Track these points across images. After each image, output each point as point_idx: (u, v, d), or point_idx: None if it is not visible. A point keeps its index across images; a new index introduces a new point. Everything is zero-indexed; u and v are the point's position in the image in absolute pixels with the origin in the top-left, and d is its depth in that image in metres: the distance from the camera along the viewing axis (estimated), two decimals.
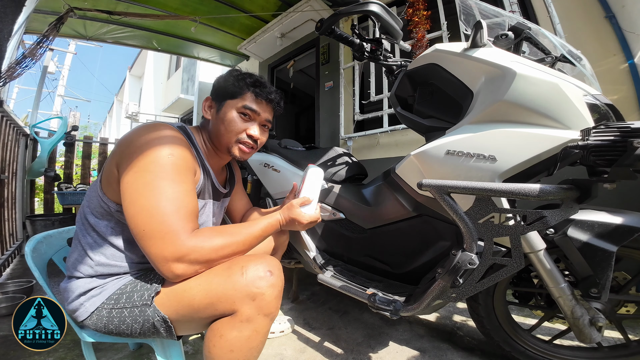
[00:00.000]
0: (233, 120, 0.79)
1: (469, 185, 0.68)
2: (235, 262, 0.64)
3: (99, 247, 0.68)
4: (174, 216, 0.59)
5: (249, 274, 0.61)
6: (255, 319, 0.60)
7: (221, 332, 0.59)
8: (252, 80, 0.81)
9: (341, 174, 1.28)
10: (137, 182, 0.60)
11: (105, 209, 0.68)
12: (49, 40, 2.65)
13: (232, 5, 3.00)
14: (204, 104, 0.84)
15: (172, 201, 0.60)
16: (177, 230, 0.58)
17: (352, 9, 0.91)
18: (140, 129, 0.68)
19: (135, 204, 0.59)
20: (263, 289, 0.60)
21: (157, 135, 0.65)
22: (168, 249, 0.58)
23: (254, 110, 0.80)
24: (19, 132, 2.65)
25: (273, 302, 0.61)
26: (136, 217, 0.59)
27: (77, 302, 0.66)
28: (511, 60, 0.74)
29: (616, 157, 0.54)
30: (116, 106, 16.83)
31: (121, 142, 0.67)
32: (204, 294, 0.60)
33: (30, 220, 2.68)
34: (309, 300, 1.57)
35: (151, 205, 0.59)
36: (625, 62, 1.58)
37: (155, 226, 0.58)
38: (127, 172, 0.61)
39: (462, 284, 0.74)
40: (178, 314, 0.63)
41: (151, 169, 0.61)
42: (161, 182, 0.60)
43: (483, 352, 1.06)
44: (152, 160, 0.61)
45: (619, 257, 0.75)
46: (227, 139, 0.80)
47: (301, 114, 5.62)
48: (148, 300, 0.63)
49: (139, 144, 0.63)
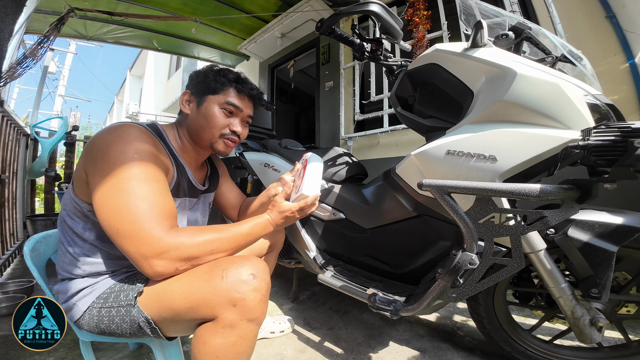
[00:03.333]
0: (216, 116, 0.78)
1: (470, 185, 0.68)
2: (218, 264, 0.61)
3: (80, 248, 0.68)
4: (147, 214, 0.57)
5: (229, 277, 0.57)
6: (239, 325, 0.57)
7: (204, 339, 0.57)
8: (234, 77, 0.81)
9: (341, 174, 1.28)
10: (105, 184, 0.58)
11: (79, 210, 0.67)
12: (49, 40, 2.65)
13: (232, 5, 3.01)
14: (182, 98, 0.82)
15: (143, 200, 0.58)
16: (151, 228, 0.57)
17: (352, 9, 0.91)
18: (106, 130, 0.66)
19: (105, 206, 0.58)
20: (245, 294, 0.57)
21: (122, 136, 0.63)
22: (145, 246, 0.56)
23: (236, 106, 0.80)
24: (20, 132, 2.66)
25: (257, 307, 0.58)
26: (108, 218, 0.57)
27: (70, 302, 0.67)
28: (511, 60, 0.74)
29: (617, 157, 0.54)
30: (117, 106, 16.86)
31: (87, 144, 0.65)
32: (184, 297, 0.58)
33: (31, 220, 2.68)
34: (309, 300, 1.57)
35: (121, 206, 0.57)
36: (626, 62, 1.58)
37: (127, 225, 0.56)
38: (94, 175, 0.60)
39: (462, 284, 0.74)
40: (160, 317, 0.61)
41: (118, 170, 0.59)
42: (129, 182, 0.58)
43: (483, 352, 1.06)
44: (117, 161, 0.60)
45: (620, 257, 0.75)
46: (210, 134, 0.79)
47: (301, 114, 5.62)
48: (132, 301, 0.62)
49: (104, 145, 0.62)
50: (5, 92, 2.43)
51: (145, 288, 0.63)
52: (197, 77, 0.81)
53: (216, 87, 0.79)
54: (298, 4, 2.91)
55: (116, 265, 0.70)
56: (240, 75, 0.83)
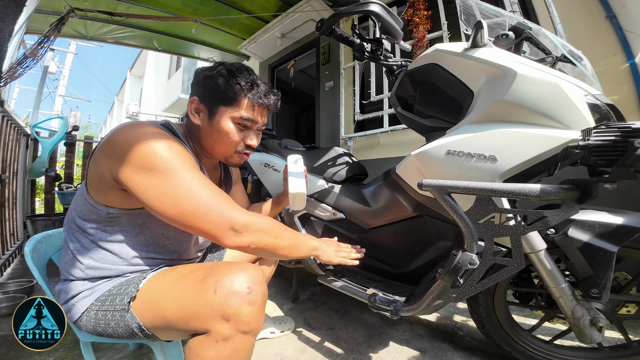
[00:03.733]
0: (231, 132, 0.72)
1: (470, 186, 0.68)
2: (212, 273, 0.58)
3: (87, 251, 0.67)
4: (213, 198, 0.60)
5: (222, 290, 0.55)
6: (233, 338, 0.54)
7: (197, 351, 0.55)
8: (247, 84, 0.71)
9: (341, 174, 1.28)
10: (154, 181, 0.57)
11: (94, 213, 0.66)
12: (49, 40, 2.65)
13: (232, 5, 3.01)
14: (190, 106, 0.74)
15: (202, 186, 0.60)
16: (224, 208, 0.60)
17: (352, 9, 0.91)
18: (128, 131, 0.61)
19: (167, 200, 0.57)
20: (239, 309, 0.54)
21: (150, 134, 0.61)
22: (225, 222, 0.59)
23: (252, 120, 0.73)
24: (20, 132, 2.66)
25: (252, 320, 0.55)
26: (177, 208, 0.57)
27: (70, 303, 0.66)
28: (512, 60, 0.74)
29: (617, 157, 0.54)
30: (117, 106, 16.85)
31: (108, 147, 0.61)
32: (176, 308, 0.57)
33: (31, 220, 2.68)
34: (309, 301, 1.57)
35: (187, 195, 0.58)
36: (626, 62, 1.58)
37: (202, 209, 0.58)
38: (135, 175, 0.58)
39: (462, 284, 0.74)
40: (153, 324, 0.60)
41: (163, 164, 0.58)
42: (180, 173, 0.58)
43: (483, 352, 1.06)
44: (158, 157, 0.58)
45: (620, 257, 0.75)
46: (225, 150, 0.75)
47: (301, 114, 5.62)
48: (125, 306, 0.61)
49: (136, 145, 0.59)
50: (5, 92, 2.43)
51: (138, 294, 0.62)
52: (205, 82, 0.71)
53: (229, 97, 0.70)
54: (298, 4, 2.91)
55: (121, 270, 0.69)
56: (254, 80, 0.73)
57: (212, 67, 0.74)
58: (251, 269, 0.60)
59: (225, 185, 0.95)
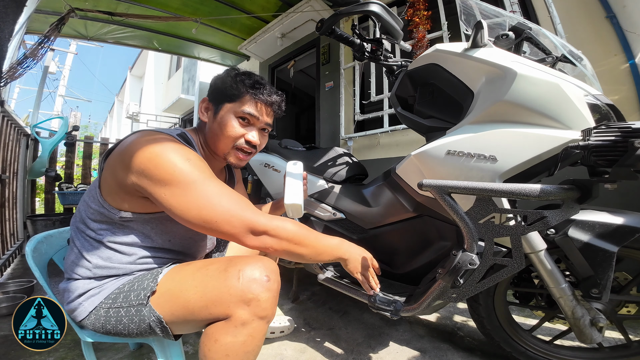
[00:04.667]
0: (231, 126, 0.76)
1: (470, 186, 0.68)
2: (233, 264, 0.63)
3: (95, 250, 0.68)
4: (235, 203, 0.62)
5: (245, 277, 0.60)
6: (250, 323, 0.59)
7: (216, 337, 0.59)
8: (251, 82, 0.77)
9: (341, 174, 1.28)
10: (176, 192, 0.60)
11: (106, 215, 0.68)
12: (50, 40, 2.65)
13: (232, 5, 3.01)
14: (201, 106, 0.81)
15: (223, 193, 0.63)
16: (245, 212, 0.62)
17: (352, 9, 0.91)
18: (144, 142, 0.63)
19: (190, 209, 0.60)
20: (259, 294, 0.59)
21: (167, 145, 0.63)
22: (245, 225, 0.61)
23: (253, 115, 0.77)
24: (20, 132, 2.66)
25: (269, 306, 0.60)
26: (199, 217, 0.60)
27: (76, 302, 0.67)
28: (512, 60, 0.74)
29: (617, 157, 0.54)
30: (117, 106, 16.85)
31: (129, 159, 0.62)
32: (199, 296, 0.60)
33: (31, 220, 2.68)
34: (309, 301, 1.57)
35: (207, 203, 0.60)
36: (626, 62, 1.58)
37: (223, 215, 0.60)
38: (157, 188, 0.60)
39: (462, 284, 0.74)
40: (173, 315, 0.62)
41: (182, 177, 0.60)
42: (200, 184, 0.61)
43: (484, 352, 1.06)
44: (177, 169, 0.61)
45: (620, 257, 0.75)
46: (224, 144, 0.78)
47: (302, 114, 5.62)
48: (144, 300, 0.63)
49: (153, 158, 0.61)
50: (5, 92, 2.43)
51: (159, 287, 0.64)
52: (215, 83, 0.79)
53: (232, 94, 0.76)
54: (298, 4, 2.91)
55: (128, 269, 0.70)
56: (258, 80, 0.78)
57: (225, 72, 0.81)
58: (268, 261, 0.65)
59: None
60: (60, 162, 4.12)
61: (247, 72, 0.80)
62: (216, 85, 0.79)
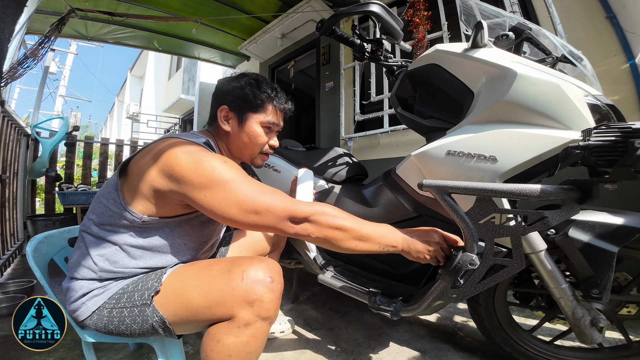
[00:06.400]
0: (260, 135, 0.82)
1: (470, 186, 0.68)
2: (237, 265, 0.63)
3: (105, 254, 0.67)
4: (269, 191, 0.64)
5: (249, 278, 0.60)
6: (253, 324, 0.59)
7: (219, 337, 0.59)
8: (272, 92, 0.83)
9: (341, 174, 1.28)
10: (215, 193, 0.62)
11: (128, 219, 0.67)
12: (50, 40, 2.66)
13: (232, 5, 3.01)
14: (220, 114, 0.81)
15: (257, 187, 0.64)
16: (282, 202, 0.64)
17: (352, 10, 0.91)
18: (180, 152, 0.65)
19: (231, 206, 0.62)
20: (262, 295, 0.60)
21: (201, 153, 0.65)
22: (283, 215, 0.63)
23: (275, 124, 0.85)
24: (20, 132, 2.66)
25: (272, 307, 0.61)
26: (241, 213, 0.62)
27: (79, 302, 0.66)
28: (512, 60, 0.74)
29: (617, 157, 0.54)
30: (117, 106, 16.87)
31: (168, 167, 0.63)
32: (202, 296, 0.61)
33: (31, 220, 2.68)
34: (309, 301, 1.57)
35: (246, 199, 0.62)
36: (626, 63, 1.58)
37: (261, 203, 0.62)
38: (198, 192, 0.62)
39: (462, 284, 0.74)
40: (176, 316, 0.63)
41: (219, 178, 0.62)
42: (236, 182, 0.63)
43: (484, 352, 1.06)
44: (215, 172, 0.62)
45: (620, 257, 0.75)
46: (252, 151, 0.85)
47: (302, 114, 5.61)
48: (147, 300, 0.63)
49: (192, 166, 0.63)
50: (6, 93, 2.43)
51: (162, 287, 0.64)
52: (234, 91, 0.81)
53: (257, 105, 0.81)
54: (298, 5, 2.91)
55: (133, 273, 0.70)
56: (275, 89, 0.85)
57: (237, 78, 0.84)
58: (271, 262, 0.66)
59: None
60: (60, 162, 4.12)
61: (262, 78, 0.85)
62: (235, 93, 0.81)
